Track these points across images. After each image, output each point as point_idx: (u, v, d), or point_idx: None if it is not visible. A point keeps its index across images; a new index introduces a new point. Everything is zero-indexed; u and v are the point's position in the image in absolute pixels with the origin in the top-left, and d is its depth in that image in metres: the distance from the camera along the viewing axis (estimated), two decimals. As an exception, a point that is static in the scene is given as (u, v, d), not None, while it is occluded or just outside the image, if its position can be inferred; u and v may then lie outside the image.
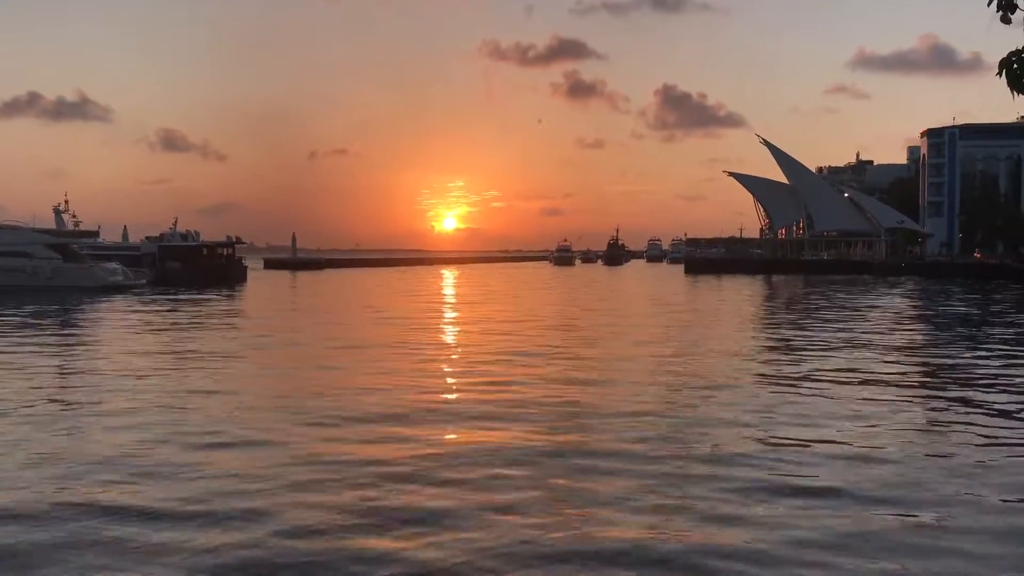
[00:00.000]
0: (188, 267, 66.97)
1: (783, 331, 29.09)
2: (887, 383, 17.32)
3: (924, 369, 20.17)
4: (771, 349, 23.48)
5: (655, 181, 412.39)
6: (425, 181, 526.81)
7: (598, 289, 62.93)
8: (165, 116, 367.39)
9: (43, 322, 32.29)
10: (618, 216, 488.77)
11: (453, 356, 22.32)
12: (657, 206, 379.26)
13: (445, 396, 16.01)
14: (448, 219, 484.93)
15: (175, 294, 51.42)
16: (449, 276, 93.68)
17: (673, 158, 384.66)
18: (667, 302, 44.46)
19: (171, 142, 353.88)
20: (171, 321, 33.09)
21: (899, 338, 26.78)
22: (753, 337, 27.17)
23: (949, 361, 21.32)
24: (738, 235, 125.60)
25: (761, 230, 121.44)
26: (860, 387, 16.90)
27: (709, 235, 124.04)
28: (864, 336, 26.88)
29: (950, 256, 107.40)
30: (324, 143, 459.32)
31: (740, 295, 54.08)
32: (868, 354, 22.18)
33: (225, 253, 73.41)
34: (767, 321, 34.45)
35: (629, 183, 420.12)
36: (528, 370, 19.02)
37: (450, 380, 18.11)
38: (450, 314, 38.49)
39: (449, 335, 28.37)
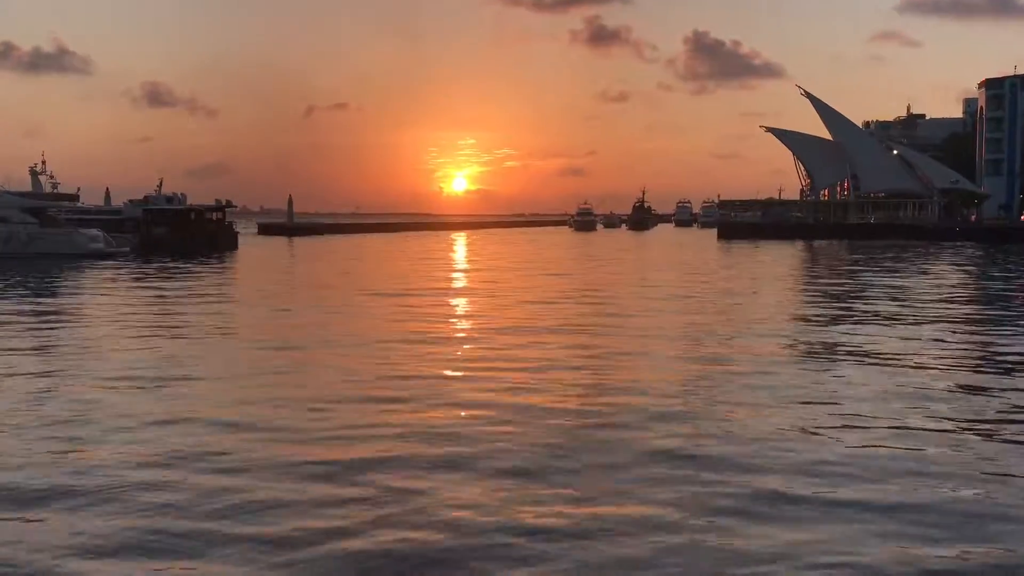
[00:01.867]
0: (174, 233, 65.88)
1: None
2: None
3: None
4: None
5: (685, 138, 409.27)
6: (432, 138, 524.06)
7: (608, 274, 61.01)
8: (150, 68, 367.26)
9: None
10: (644, 176, 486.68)
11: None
12: (687, 165, 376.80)
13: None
14: (458, 180, 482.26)
15: (159, 263, 50.08)
16: (461, 246, 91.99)
17: (705, 112, 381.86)
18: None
19: (156, 96, 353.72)
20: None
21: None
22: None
23: None
24: (776, 197, 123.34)
25: (802, 191, 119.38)
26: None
27: (744, 197, 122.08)
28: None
29: (1009, 219, 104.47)
30: (322, 97, 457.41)
31: (780, 272, 51.97)
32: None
33: (215, 218, 72.62)
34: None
35: (656, 140, 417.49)
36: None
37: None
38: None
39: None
